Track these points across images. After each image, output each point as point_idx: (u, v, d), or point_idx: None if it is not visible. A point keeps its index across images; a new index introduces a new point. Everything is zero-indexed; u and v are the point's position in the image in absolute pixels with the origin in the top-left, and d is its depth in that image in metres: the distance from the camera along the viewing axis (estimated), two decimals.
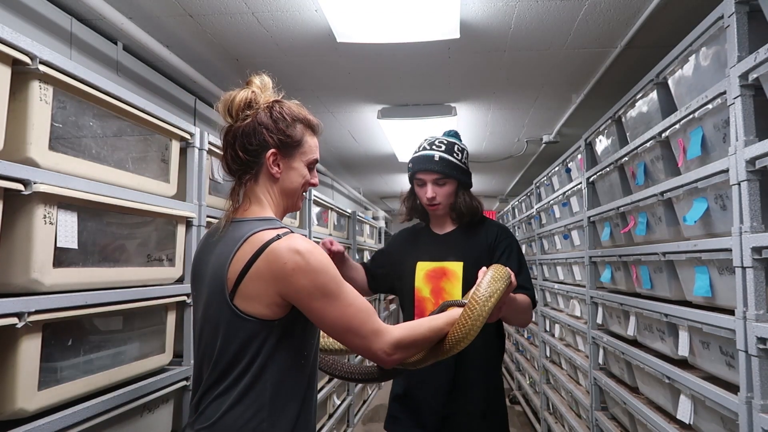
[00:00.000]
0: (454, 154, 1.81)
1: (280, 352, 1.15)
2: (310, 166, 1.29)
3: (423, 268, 1.83)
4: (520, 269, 1.75)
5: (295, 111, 1.25)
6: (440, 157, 1.78)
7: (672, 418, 1.92)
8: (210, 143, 1.89)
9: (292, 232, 1.16)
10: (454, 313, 1.31)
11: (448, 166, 1.78)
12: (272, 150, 1.20)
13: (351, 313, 1.14)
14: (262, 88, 1.24)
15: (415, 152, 1.85)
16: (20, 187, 1.11)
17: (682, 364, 1.85)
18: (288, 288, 1.11)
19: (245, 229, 1.15)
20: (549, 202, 3.82)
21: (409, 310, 1.86)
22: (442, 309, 1.39)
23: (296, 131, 1.23)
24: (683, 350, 1.80)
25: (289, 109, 1.24)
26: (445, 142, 1.82)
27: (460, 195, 1.84)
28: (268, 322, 1.13)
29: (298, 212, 3.13)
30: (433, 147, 1.81)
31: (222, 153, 1.26)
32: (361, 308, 1.15)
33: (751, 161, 1.37)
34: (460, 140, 1.90)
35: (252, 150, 1.20)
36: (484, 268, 1.41)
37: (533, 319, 4.69)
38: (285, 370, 1.16)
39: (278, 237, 1.11)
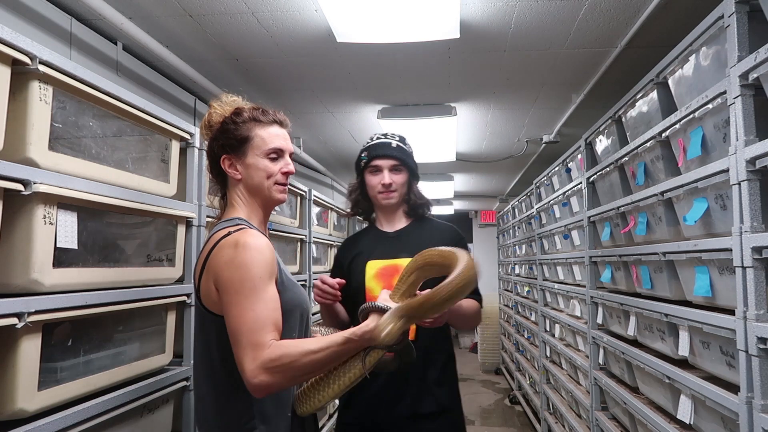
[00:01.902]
0: (406, 146, 1.84)
1: None
2: (272, 156, 1.27)
3: (374, 266, 1.75)
4: None
5: (242, 113, 1.27)
6: (397, 145, 1.81)
7: (672, 418, 1.92)
8: None
9: (250, 228, 1.19)
10: (336, 337, 1.10)
11: (405, 154, 1.81)
12: (223, 156, 1.26)
13: (246, 319, 1.06)
14: (221, 105, 1.29)
15: (367, 144, 1.84)
16: (20, 187, 1.11)
17: (683, 364, 1.85)
18: (217, 279, 1.13)
19: (211, 231, 1.23)
20: (549, 202, 3.82)
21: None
22: (364, 314, 1.19)
23: (240, 130, 1.25)
24: (683, 350, 1.80)
25: (236, 113, 1.27)
26: (396, 135, 1.85)
27: (412, 187, 1.85)
28: None
29: (298, 213, 3.13)
30: (387, 137, 1.84)
31: None
32: (258, 318, 1.06)
33: (752, 161, 1.37)
34: None
35: (212, 163, 1.30)
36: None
37: (533, 319, 4.69)
38: None
39: (229, 234, 1.15)
